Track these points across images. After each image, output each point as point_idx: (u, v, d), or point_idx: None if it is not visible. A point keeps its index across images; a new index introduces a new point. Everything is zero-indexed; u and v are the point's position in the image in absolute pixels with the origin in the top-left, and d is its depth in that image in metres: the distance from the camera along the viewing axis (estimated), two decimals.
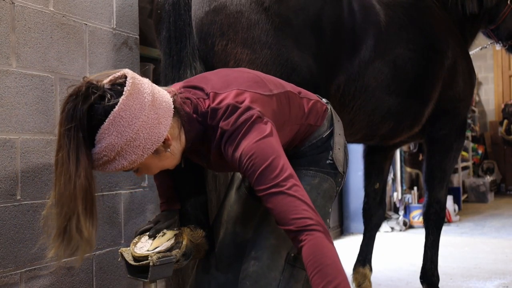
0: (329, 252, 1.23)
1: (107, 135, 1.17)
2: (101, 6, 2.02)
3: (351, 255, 2.96)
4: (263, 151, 1.26)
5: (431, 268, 2.69)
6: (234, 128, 1.29)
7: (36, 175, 1.75)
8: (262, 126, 1.29)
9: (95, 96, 1.17)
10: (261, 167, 1.24)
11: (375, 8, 2.17)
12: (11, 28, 1.69)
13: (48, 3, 1.82)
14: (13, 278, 1.66)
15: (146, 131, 1.21)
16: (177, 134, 1.33)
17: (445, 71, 2.44)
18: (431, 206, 2.67)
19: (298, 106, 1.50)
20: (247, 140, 1.27)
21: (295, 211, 1.23)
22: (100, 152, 1.19)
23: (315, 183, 1.51)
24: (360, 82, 2.08)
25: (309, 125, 1.53)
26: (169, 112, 1.27)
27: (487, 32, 2.94)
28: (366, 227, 2.95)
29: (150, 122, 1.22)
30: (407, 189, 5.85)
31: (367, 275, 2.87)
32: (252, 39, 1.77)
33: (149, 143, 1.23)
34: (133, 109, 1.19)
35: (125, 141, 1.19)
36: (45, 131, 1.78)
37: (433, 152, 2.66)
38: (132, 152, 1.21)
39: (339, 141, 1.57)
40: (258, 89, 1.40)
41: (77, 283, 1.88)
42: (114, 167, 1.23)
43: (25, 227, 1.71)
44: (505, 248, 4.28)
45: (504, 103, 8.80)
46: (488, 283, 3.26)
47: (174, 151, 1.33)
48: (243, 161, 1.26)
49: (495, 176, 8.44)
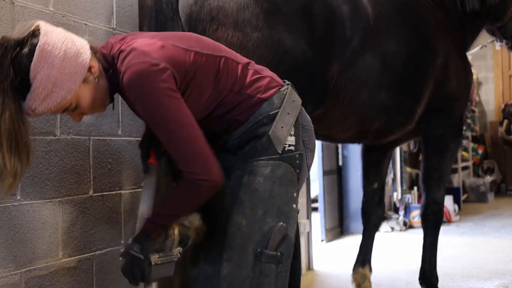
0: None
1: (40, 69, 1.32)
2: (101, 6, 2.02)
3: (351, 255, 2.96)
4: (152, 101, 1.39)
5: (430, 269, 2.68)
6: (124, 71, 1.40)
7: (36, 175, 1.75)
8: (153, 74, 1.38)
9: (17, 45, 1.32)
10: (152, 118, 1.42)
11: (363, 1, 2.18)
12: (11, 28, 1.69)
13: (48, 3, 1.82)
14: (13, 278, 1.66)
15: (71, 59, 1.36)
16: (97, 67, 1.45)
17: (437, 69, 2.43)
18: (428, 206, 2.67)
19: (233, 73, 1.52)
20: (135, 90, 1.39)
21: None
22: (38, 87, 1.32)
23: (267, 173, 1.50)
24: (351, 73, 2.08)
25: (248, 96, 1.52)
26: (85, 45, 1.42)
27: (492, 30, 2.89)
28: (365, 227, 2.95)
29: (71, 52, 1.36)
30: (407, 189, 5.85)
31: (367, 276, 2.87)
32: (242, 22, 1.79)
33: (77, 69, 1.37)
34: (53, 42, 1.34)
35: (57, 69, 1.33)
36: (45, 131, 1.78)
37: (430, 152, 2.66)
38: (65, 79, 1.35)
39: (285, 120, 1.52)
40: (176, 42, 1.48)
41: (77, 283, 1.88)
42: (55, 101, 1.36)
43: (25, 227, 1.71)
44: (505, 248, 4.29)
45: (504, 103, 8.80)
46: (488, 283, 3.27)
47: (101, 83, 1.45)
48: (136, 104, 1.43)
49: (495, 176, 8.44)
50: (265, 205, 1.49)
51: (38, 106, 1.35)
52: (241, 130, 1.53)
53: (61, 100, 1.37)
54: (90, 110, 1.48)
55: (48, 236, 1.78)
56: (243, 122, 1.53)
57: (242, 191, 1.52)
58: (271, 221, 1.48)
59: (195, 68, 1.47)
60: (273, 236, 1.47)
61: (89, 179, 1.95)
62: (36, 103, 1.34)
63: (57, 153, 1.82)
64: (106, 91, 1.49)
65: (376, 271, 3.40)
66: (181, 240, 1.56)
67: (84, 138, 1.93)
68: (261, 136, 1.52)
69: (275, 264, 1.47)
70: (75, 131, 1.89)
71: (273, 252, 1.47)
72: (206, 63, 1.49)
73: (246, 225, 1.49)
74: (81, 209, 1.91)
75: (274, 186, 1.50)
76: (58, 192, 1.82)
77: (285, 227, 1.49)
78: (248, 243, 1.48)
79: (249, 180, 1.51)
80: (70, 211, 1.87)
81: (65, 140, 1.86)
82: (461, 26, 2.67)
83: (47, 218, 1.78)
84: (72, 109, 1.44)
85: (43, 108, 1.36)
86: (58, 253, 1.82)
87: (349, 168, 5.09)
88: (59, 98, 1.36)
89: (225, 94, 1.51)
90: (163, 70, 1.39)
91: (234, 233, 1.50)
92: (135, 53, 1.41)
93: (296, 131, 1.55)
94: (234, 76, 1.53)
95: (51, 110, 1.39)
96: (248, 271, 1.46)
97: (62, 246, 1.83)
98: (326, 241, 4.71)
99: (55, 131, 1.82)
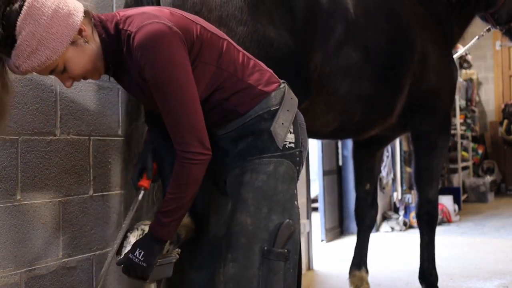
0: None
1: (25, 25, 1.29)
2: (101, 6, 2.02)
3: (351, 255, 2.96)
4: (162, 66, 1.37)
5: (429, 268, 2.69)
6: (136, 31, 1.37)
7: (36, 175, 1.75)
8: (169, 35, 1.37)
9: (8, 1, 1.31)
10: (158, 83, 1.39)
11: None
12: None
13: None
14: (13, 278, 1.66)
15: (60, 18, 1.33)
16: (91, 32, 1.42)
17: (415, 64, 2.42)
18: (422, 206, 2.67)
19: (235, 58, 1.52)
20: (148, 49, 1.36)
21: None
22: (22, 43, 1.30)
23: (270, 170, 1.49)
24: (335, 62, 2.08)
25: (249, 85, 1.51)
26: (79, 8, 1.39)
27: (485, 16, 2.85)
28: (359, 229, 2.94)
29: (62, 12, 1.34)
30: (407, 189, 5.84)
31: (364, 278, 2.87)
32: (227, 16, 1.77)
33: (65, 30, 1.34)
34: (43, 0, 1.31)
35: (43, 27, 1.31)
36: (45, 131, 1.78)
37: (419, 150, 2.67)
38: (51, 39, 1.32)
39: (285, 117, 1.53)
40: (183, 13, 1.48)
41: (77, 283, 1.89)
42: (39, 60, 1.33)
43: (25, 227, 1.71)
44: (505, 248, 4.28)
45: (504, 103, 8.79)
46: (488, 283, 3.27)
47: (92, 48, 1.42)
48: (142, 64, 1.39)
49: (495, 176, 8.43)
50: (269, 202, 1.48)
51: (22, 63, 1.32)
52: (238, 122, 1.51)
53: (45, 60, 1.34)
54: (79, 75, 1.45)
55: (48, 236, 1.78)
56: (242, 114, 1.50)
57: (244, 189, 1.50)
58: (276, 218, 1.47)
59: (201, 41, 1.46)
60: (281, 233, 1.46)
61: (89, 179, 1.95)
62: (20, 60, 1.32)
63: (57, 153, 1.82)
64: (99, 58, 1.45)
65: (376, 271, 3.41)
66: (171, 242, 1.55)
67: (84, 138, 1.93)
68: (261, 132, 1.50)
69: (283, 261, 1.46)
70: (75, 131, 1.89)
71: (281, 249, 1.46)
72: (211, 39, 1.48)
73: (251, 224, 1.47)
74: (81, 209, 1.91)
75: (277, 183, 1.50)
76: (58, 192, 1.82)
77: (291, 223, 1.48)
78: (254, 242, 1.46)
79: (252, 178, 1.49)
80: (70, 211, 1.87)
81: (65, 140, 1.86)
82: (447, 18, 2.64)
83: (47, 218, 1.78)
84: (59, 71, 1.41)
85: (27, 66, 1.33)
86: (58, 253, 1.82)
87: (349, 168, 5.08)
88: (44, 57, 1.33)
89: (226, 76, 1.49)
90: (177, 33, 1.39)
91: (238, 233, 1.48)
92: (147, 15, 1.40)
93: (294, 128, 1.55)
94: (236, 60, 1.52)
95: (36, 69, 1.36)
96: (255, 270, 1.45)
97: (62, 246, 1.83)
98: (326, 241, 4.71)
99: (55, 131, 1.82)
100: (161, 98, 1.41)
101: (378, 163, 3.01)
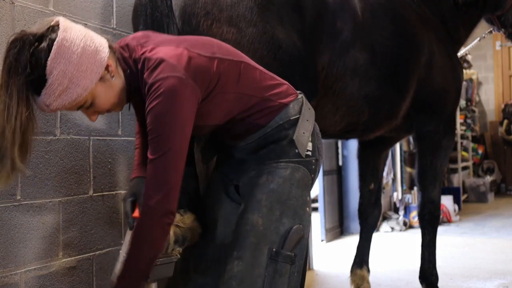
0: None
1: (57, 64, 1.30)
2: (101, 6, 2.02)
3: (351, 255, 2.96)
4: (165, 118, 1.36)
5: (429, 268, 2.69)
6: (152, 83, 1.37)
7: (36, 175, 1.75)
8: (181, 91, 1.37)
9: (35, 39, 1.31)
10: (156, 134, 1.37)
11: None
12: (11, 28, 1.69)
13: (48, 3, 1.82)
14: (13, 278, 1.66)
15: (89, 56, 1.35)
16: (115, 66, 1.44)
17: (421, 66, 2.44)
18: (425, 206, 2.68)
19: (253, 78, 1.53)
20: (158, 100, 1.36)
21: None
22: (54, 82, 1.30)
23: (286, 175, 1.52)
24: (342, 63, 2.10)
25: (269, 100, 1.54)
26: (104, 44, 1.41)
27: (491, 18, 2.85)
28: (362, 228, 2.95)
29: (90, 49, 1.35)
30: (407, 189, 5.84)
31: (365, 277, 2.87)
32: (237, 16, 1.77)
33: (95, 66, 1.36)
34: (71, 39, 1.33)
35: (74, 66, 1.32)
36: (45, 131, 1.78)
37: (423, 150, 2.67)
38: (82, 76, 1.34)
39: (305, 126, 1.56)
40: (200, 50, 1.45)
41: (77, 283, 1.88)
42: (70, 98, 1.34)
43: (25, 227, 1.71)
44: (505, 248, 4.28)
45: (504, 103, 8.79)
46: (488, 283, 3.27)
47: (118, 83, 1.44)
48: (149, 119, 1.39)
49: (495, 176, 8.43)
50: (282, 206, 1.50)
51: (52, 102, 1.33)
52: (259, 133, 1.54)
53: (76, 97, 1.35)
54: (105, 109, 1.46)
55: (48, 236, 1.78)
56: (262, 126, 1.54)
57: (259, 190, 1.51)
58: (287, 222, 1.49)
59: (218, 75, 1.47)
60: (290, 237, 1.48)
61: (89, 179, 1.95)
62: (51, 99, 1.32)
63: (57, 153, 1.82)
64: (123, 91, 1.48)
65: (376, 271, 3.41)
66: (176, 240, 1.56)
67: (84, 138, 1.93)
68: (281, 139, 1.53)
69: (290, 264, 1.47)
70: (75, 131, 1.89)
71: (289, 252, 1.47)
72: (228, 68, 1.49)
73: (262, 224, 1.48)
74: (81, 209, 1.91)
75: (292, 188, 1.52)
76: (58, 192, 1.82)
77: (301, 228, 1.50)
78: (263, 242, 1.47)
79: (267, 180, 1.52)
80: (70, 211, 1.87)
81: (65, 140, 1.86)
82: (453, 19, 2.64)
83: (47, 218, 1.78)
84: (86, 106, 1.42)
85: (57, 104, 1.34)
86: (58, 253, 1.82)
87: (349, 168, 5.09)
88: (75, 95, 1.34)
89: (246, 99, 1.52)
90: (188, 85, 1.38)
91: (247, 232, 1.49)
92: (164, 66, 1.38)
93: (312, 137, 1.58)
94: (254, 80, 1.54)
95: (66, 107, 1.37)
96: (261, 270, 1.45)
97: (62, 246, 1.83)
98: (326, 241, 4.71)
99: (55, 131, 1.82)
100: (152, 144, 1.39)
101: (383, 164, 3.02)
